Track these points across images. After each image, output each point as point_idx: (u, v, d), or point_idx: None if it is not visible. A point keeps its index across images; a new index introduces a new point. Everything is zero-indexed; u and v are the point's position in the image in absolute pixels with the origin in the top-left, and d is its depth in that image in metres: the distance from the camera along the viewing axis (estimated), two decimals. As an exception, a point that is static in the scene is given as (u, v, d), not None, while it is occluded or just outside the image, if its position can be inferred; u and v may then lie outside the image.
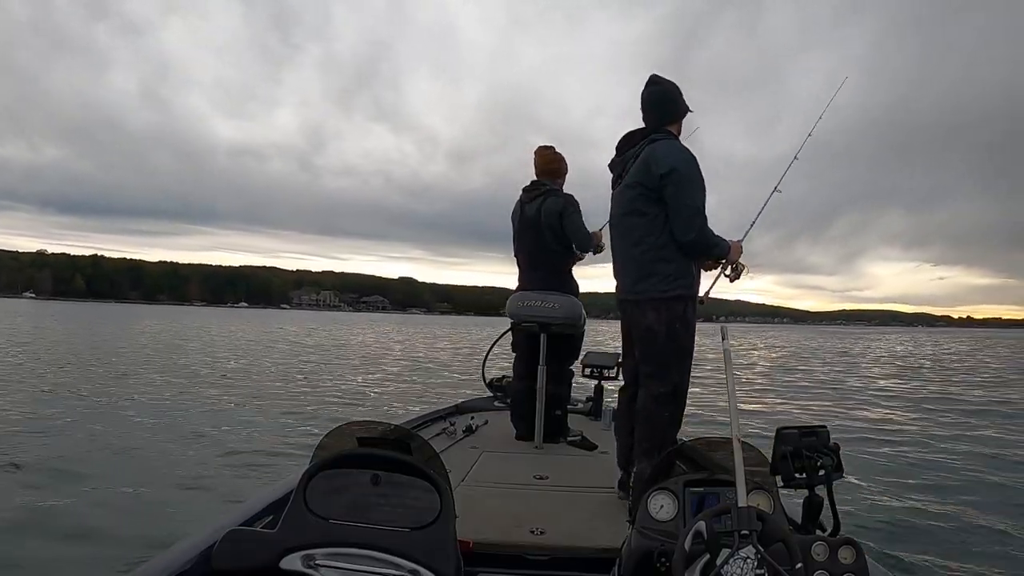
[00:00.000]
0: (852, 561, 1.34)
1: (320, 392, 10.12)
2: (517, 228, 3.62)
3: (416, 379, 12.77)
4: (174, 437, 6.05)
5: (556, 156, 3.64)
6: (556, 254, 3.52)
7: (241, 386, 10.32)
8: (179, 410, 7.65)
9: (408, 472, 1.45)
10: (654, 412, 2.36)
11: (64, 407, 7.39)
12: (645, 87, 2.48)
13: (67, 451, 5.22)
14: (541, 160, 3.64)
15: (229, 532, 1.43)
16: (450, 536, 1.40)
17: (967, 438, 7.30)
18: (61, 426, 6.33)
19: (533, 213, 3.51)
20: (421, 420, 3.88)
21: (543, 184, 3.57)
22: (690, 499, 1.54)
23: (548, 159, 3.63)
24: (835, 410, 9.55)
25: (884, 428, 7.89)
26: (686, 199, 2.33)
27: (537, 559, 1.91)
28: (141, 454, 5.33)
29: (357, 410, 8.35)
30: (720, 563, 1.20)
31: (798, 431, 1.61)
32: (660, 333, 2.36)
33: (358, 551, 1.35)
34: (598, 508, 2.35)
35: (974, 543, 3.77)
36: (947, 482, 5.20)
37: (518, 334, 3.66)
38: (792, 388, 13.03)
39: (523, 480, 2.71)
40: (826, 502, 1.63)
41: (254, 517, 1.82)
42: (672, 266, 2.37)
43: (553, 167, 3.63)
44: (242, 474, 4.87)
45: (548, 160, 3.63)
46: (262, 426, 6.91)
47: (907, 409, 9.79)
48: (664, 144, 2.40)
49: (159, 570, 1.45)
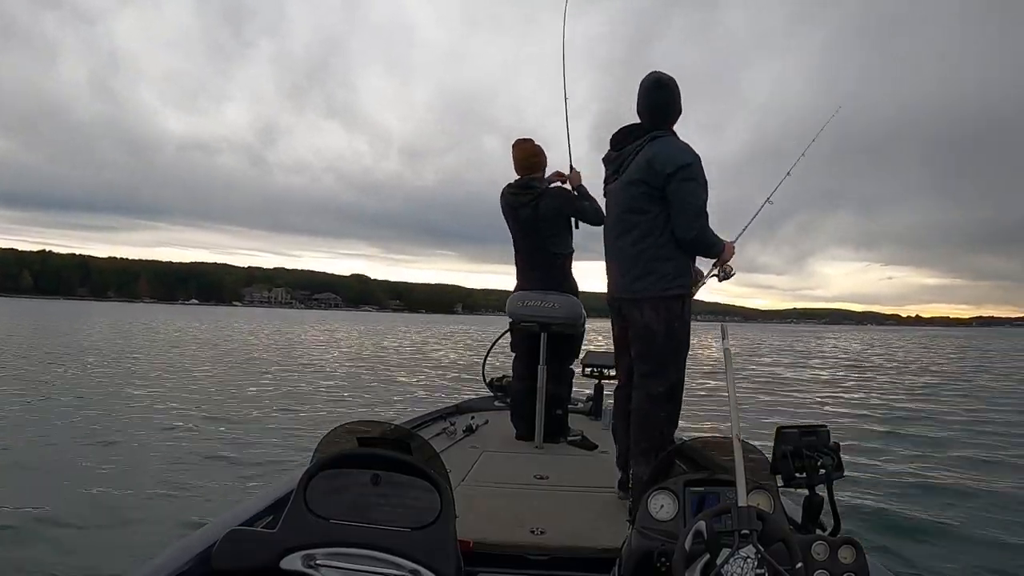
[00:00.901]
0: (852, 561, 1.34)
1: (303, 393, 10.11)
2: (513, 230, 3.56)
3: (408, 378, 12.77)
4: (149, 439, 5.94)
5: (536, 148, 3.53)
6: (555, 255, 3.49)
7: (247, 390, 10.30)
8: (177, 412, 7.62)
9: (408, 472, 1.45)
10: (650, 412, 2.35)
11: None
12: (651, 88, 2.43)
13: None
14: (521, 153, 3.52)
15: (229, 532, 1.43)
16: (450, 536, 1.40)
17: (967, 438, 7.30)
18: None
19: (529, 216, 3.45)
20: (421, 420, 3.88)
21: (533, 186, 3.47)
22: (690, 499, 1.54)
23: (529, 152, 3.52)
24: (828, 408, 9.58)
25: (885, 427, 7.90)
26: (690, 197, 2.33)
27: (537, 559, 1.91)
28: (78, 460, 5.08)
29: (357, 410, 8.35)
30: (720, 563, 1.20)
31: (798, 430, 1.61)
32: (659, 332, 2.35)
33: (358, 551, 1.35)
34: (598, 508, 2.35)
35: (974, 543, 3.77)
36: (948, 482, 5.20)
37: (517, 334, 3.63)
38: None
39: (523, 480, 2.71)
40: (826, 501, 1.63)
41: (254, 517, 1.82)
42: (671, 264, 2.37)
43: (534, 160, 3.52)
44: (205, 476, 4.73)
45: (530, 153, 3.52)
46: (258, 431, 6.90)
47: (904, 405, 9.81)
48: (669, 142, 2.38)
49: (159, 570, 1.45)
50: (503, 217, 3.61)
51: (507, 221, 3.59)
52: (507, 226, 3.61)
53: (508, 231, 3.61)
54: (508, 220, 3.58)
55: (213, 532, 1.54)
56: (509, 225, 3.59)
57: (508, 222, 3.59)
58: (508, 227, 3.60)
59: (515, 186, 3.54)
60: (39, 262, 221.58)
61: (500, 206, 3.61)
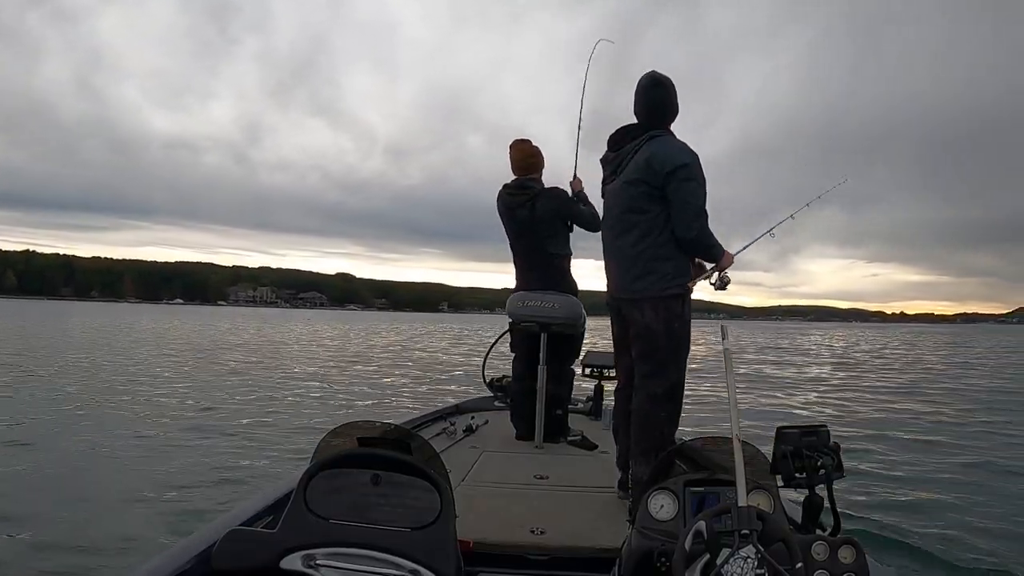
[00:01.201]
0: (852, 561, 1.34)
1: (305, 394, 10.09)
2: (510, 230, 3.55)
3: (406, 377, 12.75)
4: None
5: (534, 149, 3.53)
6: (553, 255, 3.49)
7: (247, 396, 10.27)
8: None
9: (408, 472, 1.45)
10: (651, 412, 2.35)
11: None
12: (648, 87, 2.44)
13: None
14: (519, 155, 3.52)
15: (229, 532, 1.43)
16: (450, 536, 1.40)
17: (968, 436, 7.30)
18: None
19: (526, 217, 3.44)
20: (421, 420, 3.88)
21: (529, 186, 3.47)
22: (690, 499, 1.54)
23: (527, 153, 3.52)
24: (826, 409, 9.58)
25: (883, 425, 7.90)
26: (691, 196, 2.33)
27: (537, 559, 1.91)
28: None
29: (357, 411, 8.33)
30: (720, 563, 1.20)
31: (798, 430, 1.61)
32: (659, 332, 2.35)
33: (358, 551, 1.35)
34: (598, 508, 2.36)
35: (974, 542, 3.77)
36: (947, 481, 5.20)
37: (517, 334, 3.63)
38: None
39: (523, 480, 2.71)
40: (826, 501, 1.63)
41: (254, 517, 1.82)
42: (671, 264, 2.37)
43: (532, 161, 3.52)
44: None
45: (527, 154, 3.52)
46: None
47: (903, 402, 9.82)
48: (667, 141, 2.39)
49: (159, 570, 1.45)
50: (499, 217, 3.60)
51: (503, 221, 3.58)
52: (503, 226, 3.60)
53: (502, 231, 3.59)
54: (504, 220, 3.57)
55: (213, 532, 1.54)
56: (505, 225, 3.58)
57: (504, 222, 3.58)
58: (504, 227, 3.59)
59: (512, 186, 3.53)
60: (23, 262, 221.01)
61: (496, 207, 3.60)
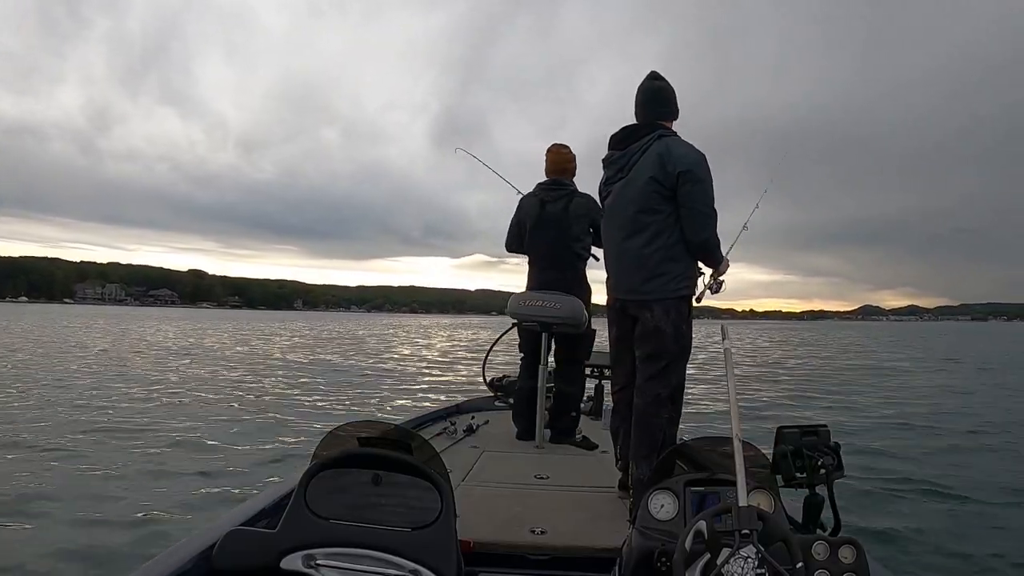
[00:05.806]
0: (853, 560, 1.34)
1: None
2: (533, 225, 3.53)
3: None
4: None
5: (571, 155, 3.57)
6: (577, 256, 3.48)
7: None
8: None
9: (409, 472, 1.45)
10: (652, 415, 2.33)
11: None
12: (648, 81, 2.44)
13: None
14: (556, 158, 3.55)
15: (229, 532, 1.43)
16: (451, 536, 1.40)
17: (968, 434, 7.30)
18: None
19: (559, 211, 3.45)
20: (422, 420, 3.88)
21: (565, 184, 3.51)
22: (691, 498, 1.54)
23: (565, 158, 3.55)
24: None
25: (882, 423, 7.89)
26: (703, 198, 2.31)
27: (538, 559, 1.91)
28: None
29: (356, 411, 8.31)
30: (721, 562, 1.20)
31: (799, 430, 1.61)
32: (668, 334, 2.32)
33: (359, 551, 1.35)
34: (599, 508, 2.35)
35: (974, 542, 3.77)
36: (947, 480, 5.20)
37: (524, 335, 3.61)
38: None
39: (524, 480, 2.71)
40: (827, 501, 1.63)
41: (254, 517, 1.82)
42: (681, 266, 2.35)
43: (567, 166, 3.55)
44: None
45: (564, 159, 3.55)
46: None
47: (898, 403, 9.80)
48: (677, 141, 2.37)
49: (159, 570, 1.45)
50: (517, 217, 3.61)
51: (527, 221, 3.56)
52: (520, 228, 3.59)
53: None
54: (529, 217, 3.55)
55: (213, 532, 1.54)
56: (528, 223, 3.55)
57: (528, 220, 3.55)
58: (524, 228, 3.58)
59: (547, 183, 3.56)
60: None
61: (519, 208, 3.62)
